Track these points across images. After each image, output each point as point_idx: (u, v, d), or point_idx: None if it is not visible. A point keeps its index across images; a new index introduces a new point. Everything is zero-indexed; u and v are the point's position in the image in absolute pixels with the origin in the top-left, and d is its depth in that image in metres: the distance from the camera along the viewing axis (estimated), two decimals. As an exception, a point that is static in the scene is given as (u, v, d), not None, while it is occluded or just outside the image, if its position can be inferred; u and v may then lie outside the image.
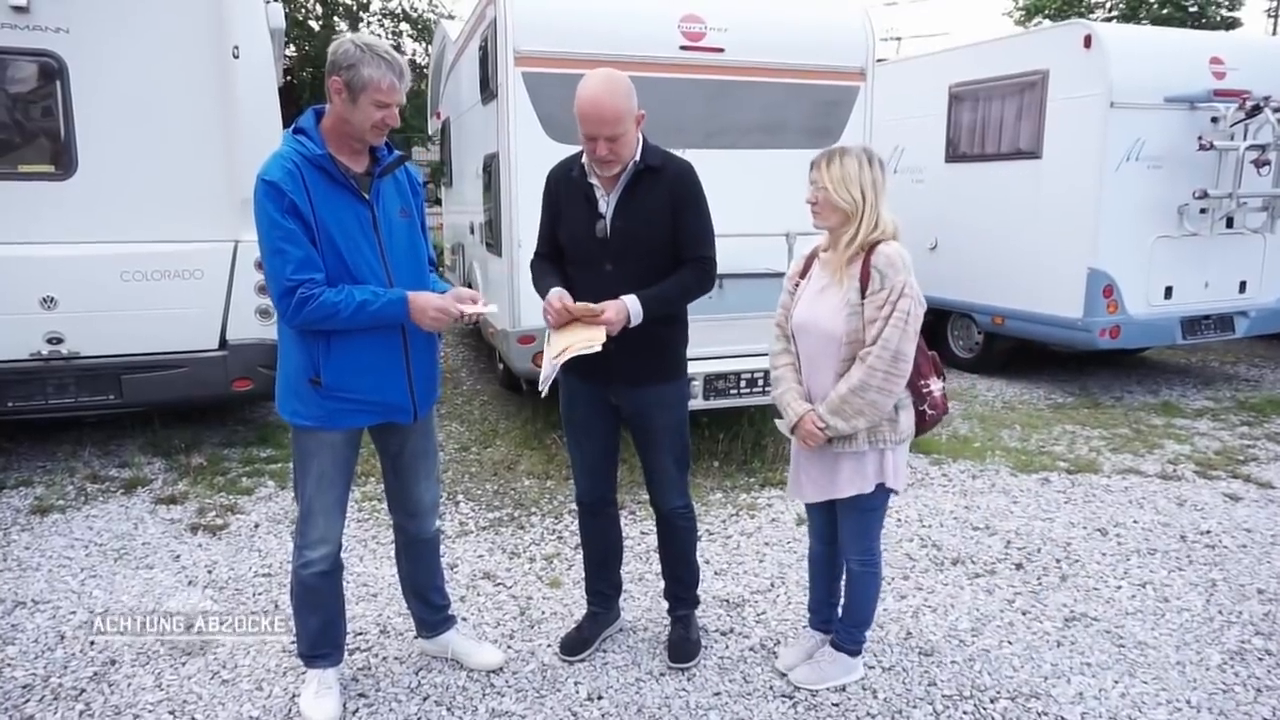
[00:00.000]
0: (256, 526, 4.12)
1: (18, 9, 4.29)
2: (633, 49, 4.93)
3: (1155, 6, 23.19)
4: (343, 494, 2.62)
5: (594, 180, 2.68)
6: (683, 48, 5.16)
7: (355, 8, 36.86)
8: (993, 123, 7.01)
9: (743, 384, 4.78)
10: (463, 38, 6.94)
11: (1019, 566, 3.74)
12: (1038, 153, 6.56)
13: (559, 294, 2.60)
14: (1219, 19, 22.52)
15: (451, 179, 8.61)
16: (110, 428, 5.40)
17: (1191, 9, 23.04)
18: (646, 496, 3.04)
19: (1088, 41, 6.10)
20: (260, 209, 2.31)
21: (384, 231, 2.47)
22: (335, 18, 36.92)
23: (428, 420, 2.73)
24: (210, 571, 3.66)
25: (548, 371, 2.55)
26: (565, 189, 2.76)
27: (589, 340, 2.51)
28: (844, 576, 2.91)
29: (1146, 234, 6.33)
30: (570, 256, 2.78)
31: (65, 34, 4.41)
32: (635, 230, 2.65)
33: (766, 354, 4.91)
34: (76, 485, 4.62)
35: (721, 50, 5.23)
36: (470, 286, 7.11)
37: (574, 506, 4.31)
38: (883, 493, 2.70)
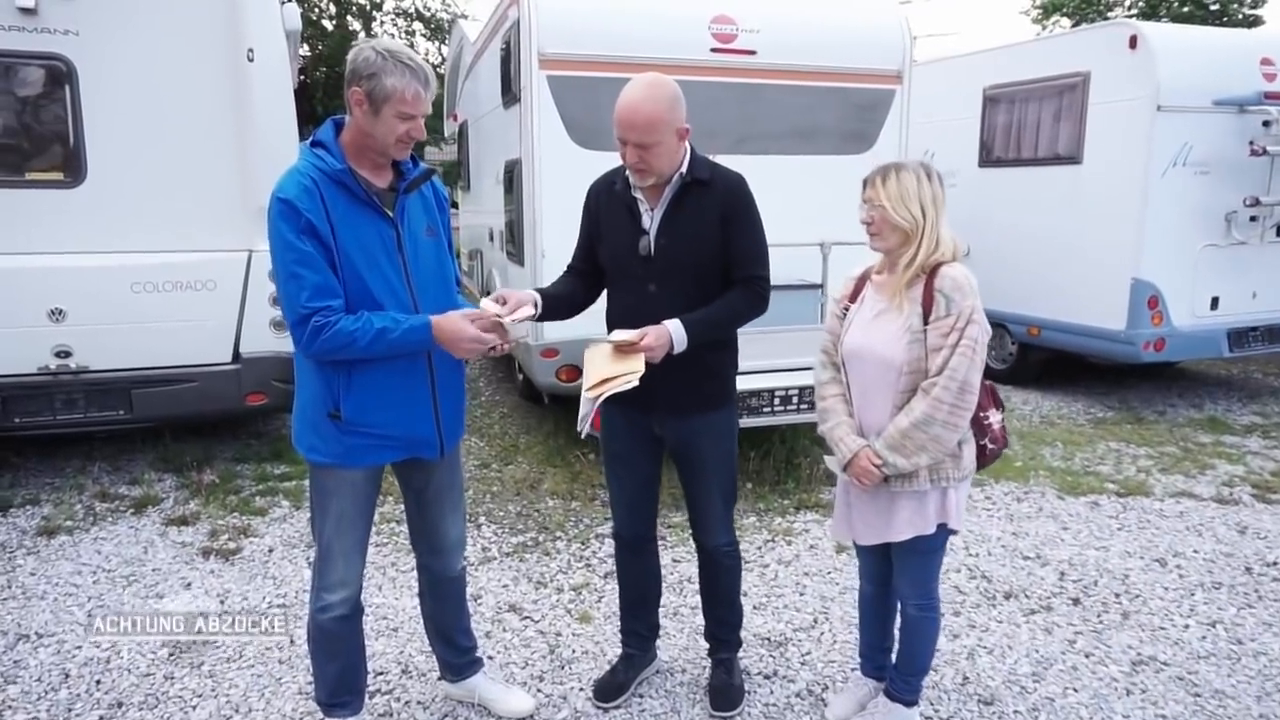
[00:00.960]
0: (271, 551, 3.94)
1: (25, 11, 4.13)
2: (662, 51, 4.74)
3: (1175, 5, 22.77)
4: (364, 535, 2.43)
5: (638, 194, 2.48)
6: (714, 50, 4.96)
7: (369, 7, 36.84)
8: (1029, 126, 6.77)
9: (776, 401, 4.57)
10: (482, 39, 6.75)
11: (1076, 601, 3.52)
12: (1078, 158, 6.32)
13: (510, 292, 2.38)
14: (1240, 17, 22.08)
15: (469, 183, 8.43)
16: (121, 442, 5.24)
17: (1213, 7, 22.62)
18: (678, 520, 2.84)
19: (1133, 42, 5.85)
20: (274, 229, 2.12)
21: (409, 252, 2.28)
22: (349, 16, 36.92)
23: (454, 453, 2.54)
24: (223, 601, 3.48)
25: (585, 410, 2.35)
26: (607, 203, 2.56)
27: (628, 372, 2.31)
28: (897, 619, 2.70)
29: (1193, 242, 6.07)
30: (611, 276, 2.59)
31: (75, 36, 4.25)
32: (681, 248, 2.45)
33: (800, 369, 4.85)
34: (85, 504, 4.46)
35: (754, 52, 5.03)
36: (489, 295, 6.93)
37: (601, 531, 4.14)
38: (944, 533, 2.50)
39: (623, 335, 2.38)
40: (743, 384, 4.47)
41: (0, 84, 4.26)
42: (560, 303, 2.56)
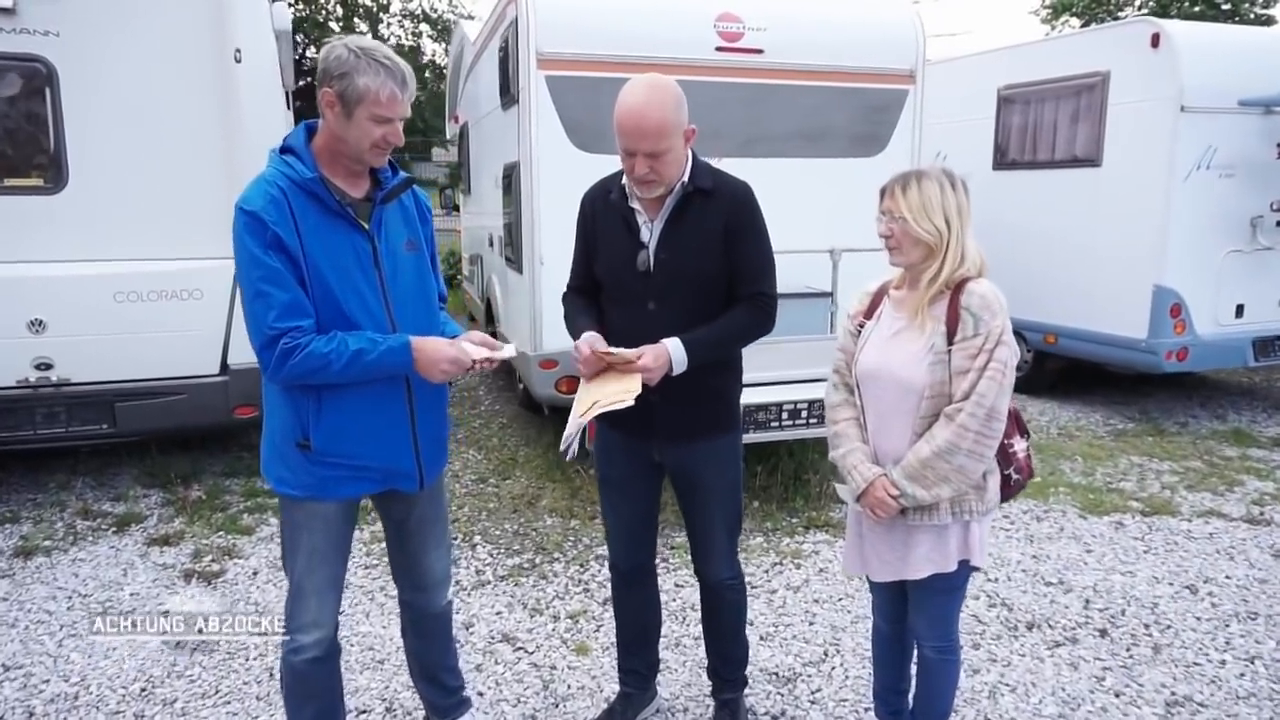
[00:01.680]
0: (255, 574, 3.77)
1: (3, 10, 3.97)
2: (665, 50, 4.56)
3: (1186, 4, 22.47)
4: (338, 571, 2.25)
5: (636, 204, 2.29)
6: (719, 49, 4.77)
7: (375, 9, 36.83)
8: (1046, 128, 6.56)
9: (784, 415, 4.38)
10: (482, 38, 6.58)
11: (1103, 633, 3.31)
12: (1097, 160, 6.11)
13: (591, 339, 2.23)
14: (1253, 17, 21.77)
15: (470, 186, 8.27)
16: (106, 455, 5.09)
17: (1225, 7, 22.32)
18: (681, 540, 2.65)
19: (1155, 40, 5.64)
20: (239, 243, 1.95)
21: (386, 267, 2.09)
22: (355, 19, 36.91)
23: (438, 483, 2.36)
24: (200, 631, 3.30)
25: (571, 430, 2.17)
26: (602, 213, 2.38)
27: (622, 393, 2.13)
28: (914, 659, 2.51)
29: (1217, 248, 5.86)
30: (607, 293, 2.41)
31: (55, 38, 4.09)
32: (682, 262, 2.27)
33: (809, 381, 4.66)
34: (66, 522, 4.29)
35: (760, 51, 4.85)
36: (489, 301, 6.75)
37: (601, 552, 3.95)
38: (965, 570, 2.30)
39: (618, 353, 2.20)
40: (749, 397, 4.27)
41: (-23, 87, 4.11)
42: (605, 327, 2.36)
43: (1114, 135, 5.98)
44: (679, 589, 3.63)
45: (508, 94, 5.06)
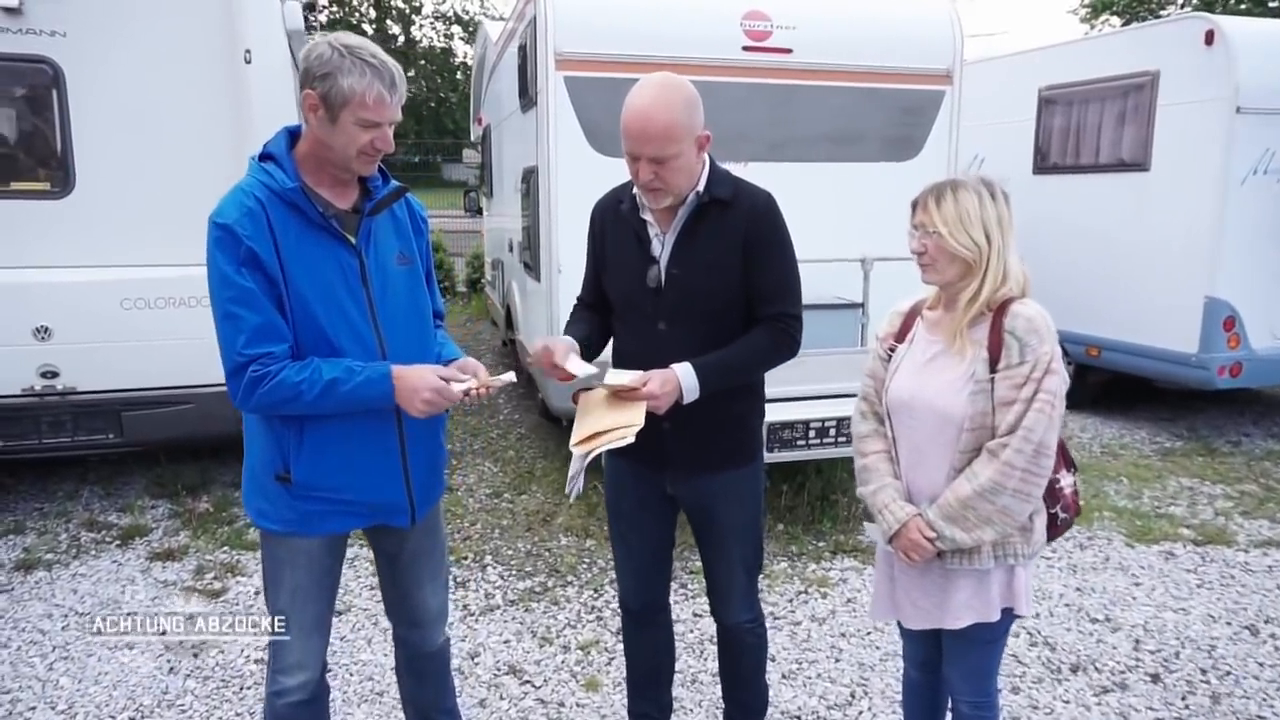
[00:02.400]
0: (257, 594, 3.63)
1: (9, 10, 3.87)
2: (689, 50, 4.37)
3: (1232, 2, 21.80)
4: (324, 610, 2.09)
5: (648, 216, 2.11)
6: (745, 48, 4.57)
7: (408, 11, 37.01)
8: (1090, 130, 6.26)
9: (811, 433, 4.15)
10: (502, 39, 6.44)
11: (1155, 679, 3.06)
12: (1145, 164, 5.81)
13: (555, 340, 2.04)
14: (1310, 12, 21.08)
15: (492, 189, 8.14)
16: (116, 463, 5.00)
17: (1272, 4, 21.62)
18: (699, 565, 2.46)
19: (1209, 38, 5.34)
20: (210, 260, 1.79)
21: (375, 285, 1.92)
22: (388, 20, 37.13)
23: (433, 513, 2.19)
24: (196, 655, 3.17)
25: (575, 469, 1.98)
26: (613, 226, 2.19)
27: (625, 425, 1.93)
28: (948, 709, 2.29)
29: (1274, 258, 5.53)
30: (617, 312, 2.22)
31: (62, 38, 3.99)
32: (696, 280, 2.07)
33: (838, 396, 4.43)
34: (70, 534, 4.19)
35: (789, 51, 4.64)
36: (508, 308, 6.60)
37: (615, 573, 3.76)
38: (1008, 619, 2.08)
39: (621, 378, 2.00)
40: (774, 414, 4.07)
41: (-18, 88, 4.03)
42: (591, 343, 2.20)
43: (1163, 138, 5.67)
44: (697, 619, 3.43)
45: (526, 96, 4.90)
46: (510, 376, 2.00)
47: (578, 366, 2.02)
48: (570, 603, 3.59)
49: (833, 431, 4.17)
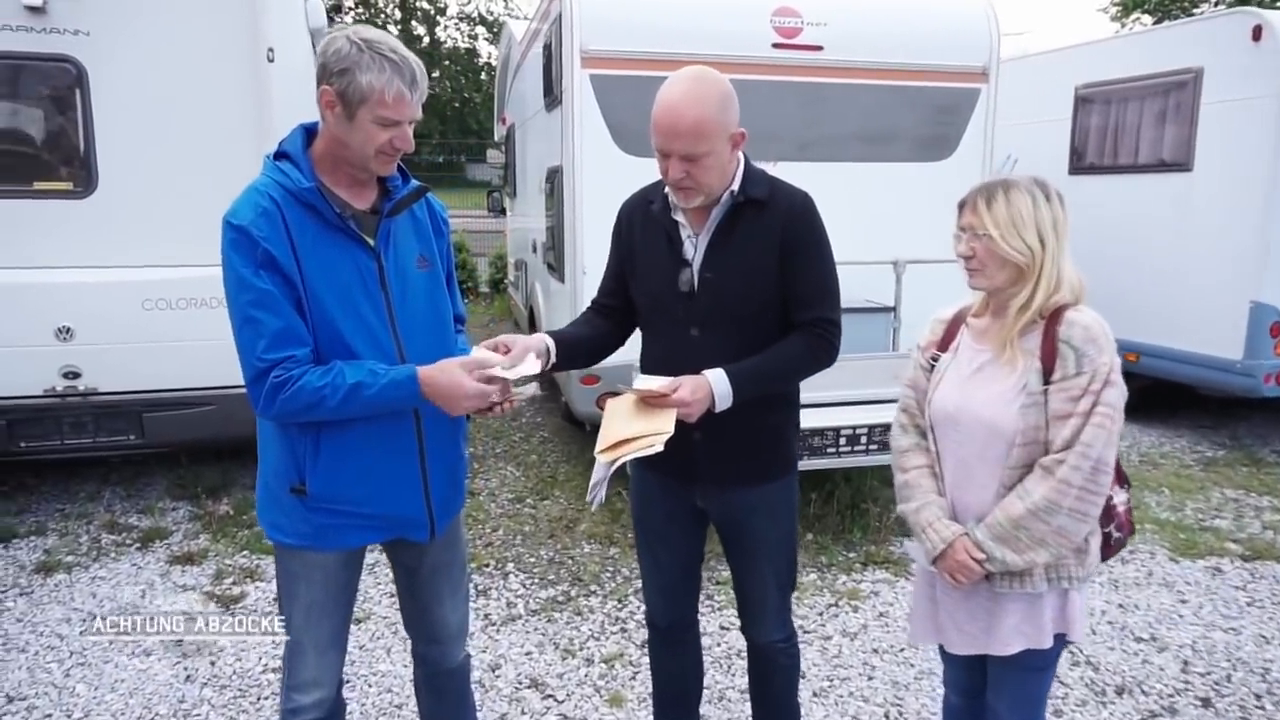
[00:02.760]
0: (275, 600, 3.56)
1: (33, 9, 3.84)
2: (717, 48, 4.26)
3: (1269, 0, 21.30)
4: (340, 626, 2.02)
5: (680, 216, 2.01)
6: (775, 45, 4.46)
7: (433, 12, 37.15)
8: (1129, 129, 6.08)
9: (842, 441, 4.04)
10: (527, 37, 6.37)
11: (1206, 703, 2.92)
12: (1187, 164, 5.62)
13: (515, 337, 1.90)
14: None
15: (516, 189, 8.08)
16: (139, 464, 4.98)
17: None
18: (724, 577, 2.35)
19: (1257, 33, 5.15)
20: (226, 263, 1.71)
21: (394, 288, 1.84)
22: (413, 21, 37.30)
23: (454, 526, 2.10)
24: (214, 663, 3.12)
25: (598, 476, 1.89)
26: (641, 226, 2.10)
27: (654, 433, 1.84)
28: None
29: (1324, 261, 5.32)
30: (645, 317, 2.13)
31: (85, 37, 3.96)
32: (731, 283, 1.97)
33: (869, 403, 4.31)
34: (91, 535, 4.17)
35: (820, 48, 4.52)
36: (531, 309, 6.53)
37: (641, 585, 3.67)
38: (1059, 645, 1.96)
39: (650, 384, 1.91)
40: (803, 420, 3.98)
41: (6, 88, 4.01)
42: (579, 349, 2.10)
43: (1207, 137, 5.49)
44: (724, 631, 3.33)
45: (551, 94, 4.83)
46: (535, 366, 1.88)
47: (646, 380, 1.92)
48: (594, 613, 3.50)
49: (864, 439, 4.05)
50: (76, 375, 4.11)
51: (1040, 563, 1.83)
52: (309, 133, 1.83)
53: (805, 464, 3.98)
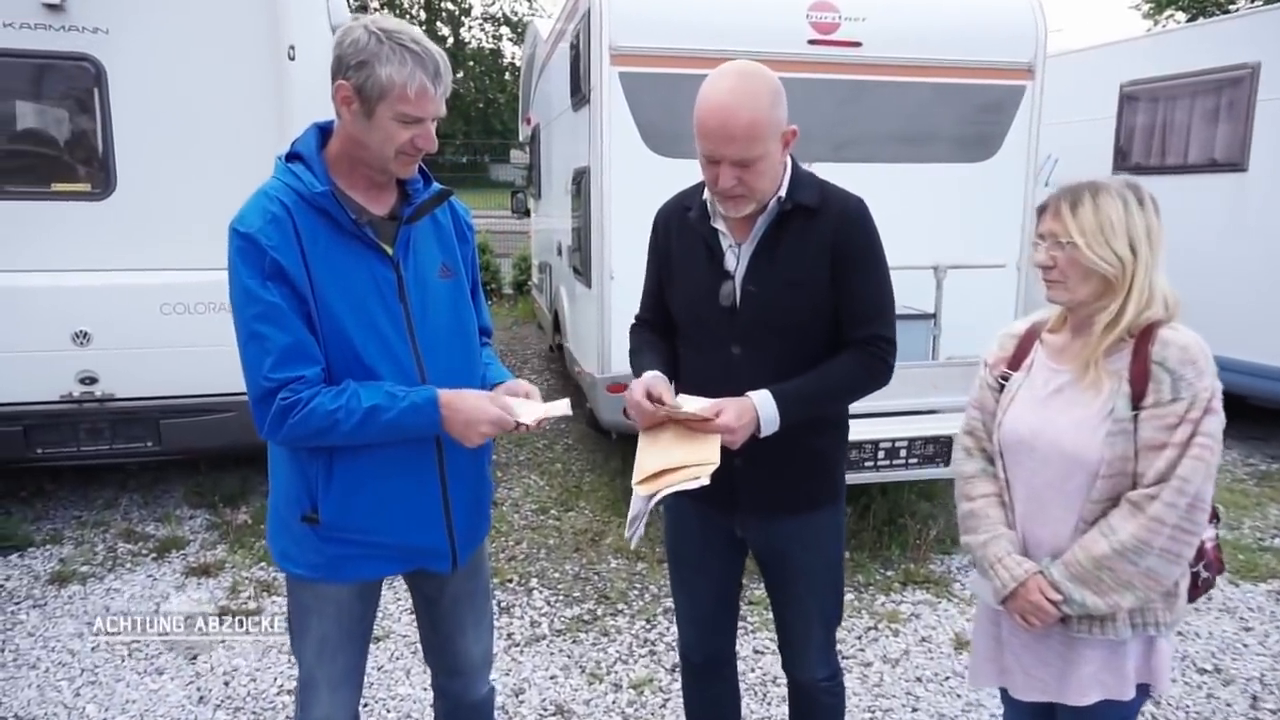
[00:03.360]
0: (288, 629, 3.45)
1: (51, 7, 3.76)
2: (751, 44, 4.07)
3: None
4: (356, 661, 1.88)
5: (720, 225, 1.85)
6: (811, 42, 4.29)
7: (458, 12, 37.27)
8: (1177, 128, 5.84)
9: (880, 454, 3.86)
10: (553, 35, 6.23)
11: (1280, 743, 2.72)
12: (1242, 164, 5.38)
13: (653, 380, 1.79)
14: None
15: (540, 190, 7.95)
16: (157, 470, 4.90)
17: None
18: (761, 594, 2.19)
19: (1319, 27, 4.91)
20: (232, 273, 1.59)
21: (414, 301, 1.70)
22: (438, 22, 37.46)
23: (478, 554, 1.96)
24: (228, 683, 3.00)
25: (637, 510, 1.74)
26: (679, 235, 1.94)
27: (697, 463, 1.68)
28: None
29: (1387, 266, 5.07)
30: (683, 333, 1.97)
31: (104, 35, 3.87)
32: (776, 297, 1.81)
33: (908, 413, 4.13)
34: (107, 545, 4.08)
35: (858, 44, 4.34)
36: (556, 314, 6.39)
37: (670, 604, 3.52)
38: (1142, 696, 1.79)
39: (692, 405, 1.76)
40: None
41: (24, 88, 3.93)
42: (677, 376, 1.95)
43: (1264, 136, 5.24)
44: (759, 656, 3.17)
45: (578, 93, 4.68)
46: (565, 406, 1.76)
47: (684, 401, 1.78)
48: (621, 634, 3.36)
49: (903, 452, 3.87)
50: (93, 381, 4.03)
51: (1125, 607, 1.66)
52: (324, 132, 1.69)
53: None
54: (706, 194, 1.86)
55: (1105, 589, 1.64)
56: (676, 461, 1.71)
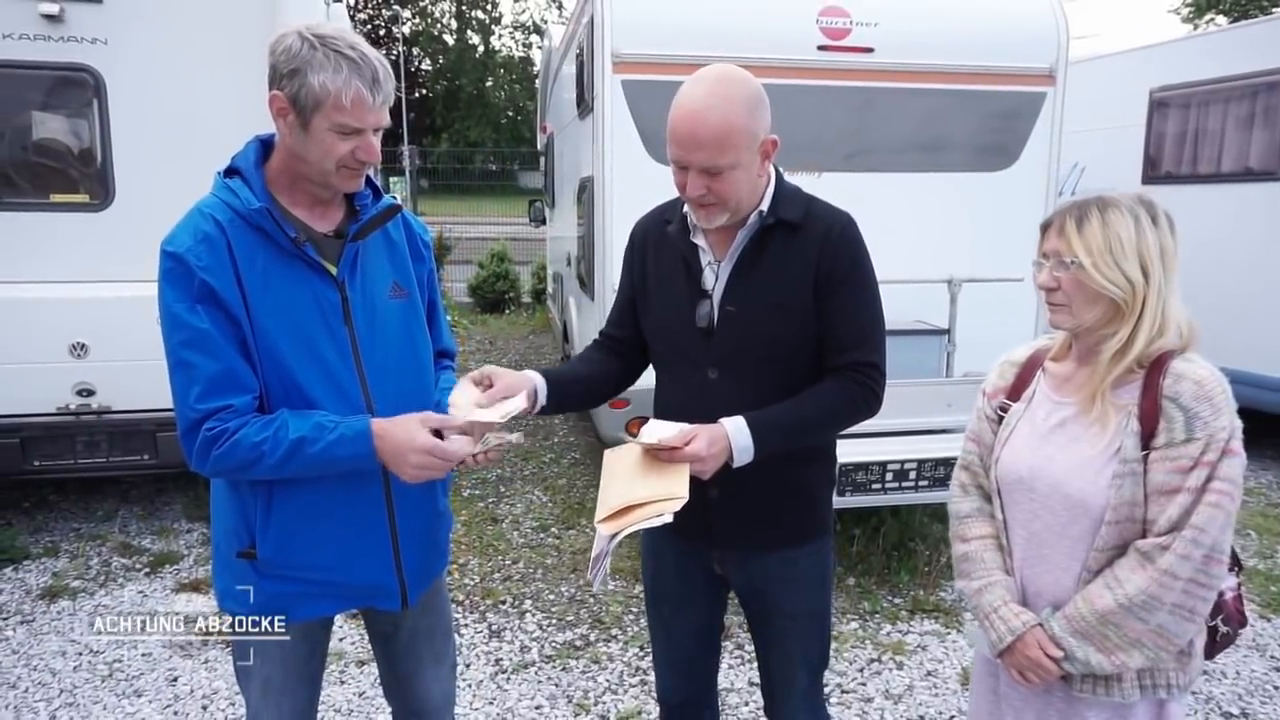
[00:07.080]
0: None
1: (50, 18, 3.74)
2: (759, 50, 3.97)
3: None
4: (304, 704, 1.78)
5: (700, 240, 1.73)
6: (821, 48, 4.15)
7: (488, 21, 37.48)
8: (1210, 135, 5.62)
9: (889, 476, 3.70)
10: (564, 43, 6.16)
11: (1313, 798, 2.52)
12: (1277, 173, 5.14)
13: (487, 376, 1.66)
14: None
15: (554, 200, 7.88)
16: (157, 481, 4.87)
17: None
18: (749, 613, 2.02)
19: (1360, 30, 4.68)
20: (160, 296, 1.51)
21: (361, 323, 1.61)
22: (469, 31, 37.68)
23: (433, 590, 1.85)
24: (206, 708, 2.92)
25: (599, 550, 1.61)
26: (656, 250, 1.83)
27: (663, 497, 1.55)
28: None
29: None
30: (658, 354, 1.85)
31: (103, 46, 3.85)
32: (756, 319, 1.69)
33: (918, 433, 3.97)
34: (102, 559, 4.04)
35: (870, 50, 4.20)
36: (565, 325, 6.30)
37: (654, 667, 3.38)
38: (1150, 763, 1.63)
39: (662, 431, 1.63)
40: (846, 453, 3.64)
41: (23, 98, 3.90)
42: (573, 389, 1.83)
43: (1301, 143, 5.02)
44: (754, 689, 3.03)
45: (583, 102, 4.59)
46: (513, 437, 1.63)
47: (653, 426, 1.64)
48: (613, 661, 3.23)
49: (913, 474, 3.71)
50: (90, 393, 3.99)
51: (1133, 667, 1.51)
52: (265, 146, 1.60)
53: (848, 501, 3.66)
54: (687, 207, 1.74)
55: (1111, 647, 1.50)
56: (640, 497, 1.59)
